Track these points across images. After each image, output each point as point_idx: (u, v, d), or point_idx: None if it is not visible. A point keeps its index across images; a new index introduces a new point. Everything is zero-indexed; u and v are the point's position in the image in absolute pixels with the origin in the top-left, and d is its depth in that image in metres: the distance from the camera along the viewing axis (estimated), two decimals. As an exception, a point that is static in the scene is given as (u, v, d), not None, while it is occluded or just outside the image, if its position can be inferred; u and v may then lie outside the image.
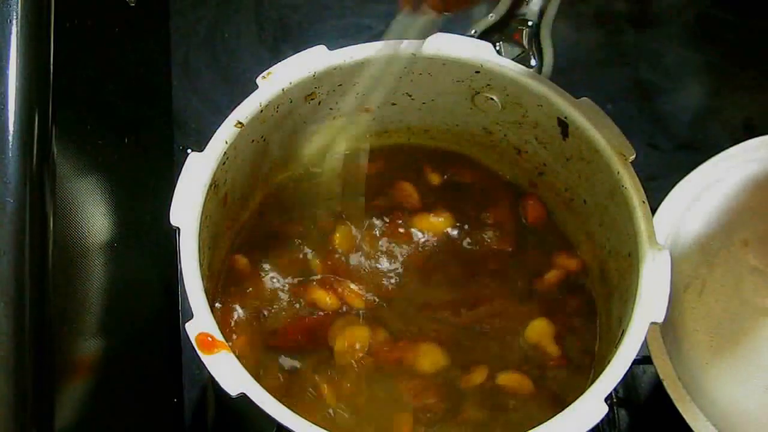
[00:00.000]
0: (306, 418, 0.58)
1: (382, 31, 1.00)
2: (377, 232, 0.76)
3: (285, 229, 0.76)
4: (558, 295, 0.75)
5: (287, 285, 0.73)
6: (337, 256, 0.75)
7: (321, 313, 0.72)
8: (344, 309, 0.73)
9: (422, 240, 0.76)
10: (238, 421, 0.78)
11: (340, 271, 0.74)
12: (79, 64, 0.72)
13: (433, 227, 0.76)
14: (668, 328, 0.71)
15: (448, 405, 0.70)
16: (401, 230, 0.76)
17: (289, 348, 0.71)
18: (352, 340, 0.71)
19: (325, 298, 0.72)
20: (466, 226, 0.77)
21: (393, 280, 0.75)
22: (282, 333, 0.71)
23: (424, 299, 0.74)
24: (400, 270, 0.75)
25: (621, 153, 0.69)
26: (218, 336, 0.60)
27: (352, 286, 0.74)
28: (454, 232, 0.77)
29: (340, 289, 0.73)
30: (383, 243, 0.76)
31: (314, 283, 0.73)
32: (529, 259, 0.76)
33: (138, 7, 0.87)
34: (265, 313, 0.72)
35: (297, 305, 0.73)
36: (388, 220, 0.76)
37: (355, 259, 0.75)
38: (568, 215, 0.78)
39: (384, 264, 0.75)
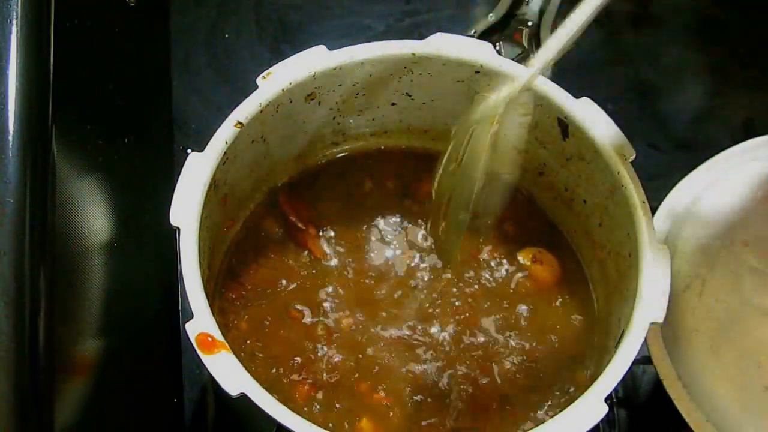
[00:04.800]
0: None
1: (383, 31, 1.01)
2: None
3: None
4: None
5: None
6: None
7: None
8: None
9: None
10: (238, 421, 0.78)
11: None
12: (79, 64, 0.72)
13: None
14: (668, 328, 0.71)
15: None
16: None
17: None
18: None
19: None
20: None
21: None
22: None
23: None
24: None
25: (621, 153, 0.69)
26: (218, 336, 0.60)
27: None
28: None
29: None
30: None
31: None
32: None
33: (138, 7, 0.87)
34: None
35: None
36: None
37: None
38: (568, 215, 0.78)
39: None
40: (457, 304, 0.74)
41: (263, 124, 0.70)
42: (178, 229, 0.64)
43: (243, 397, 0.58)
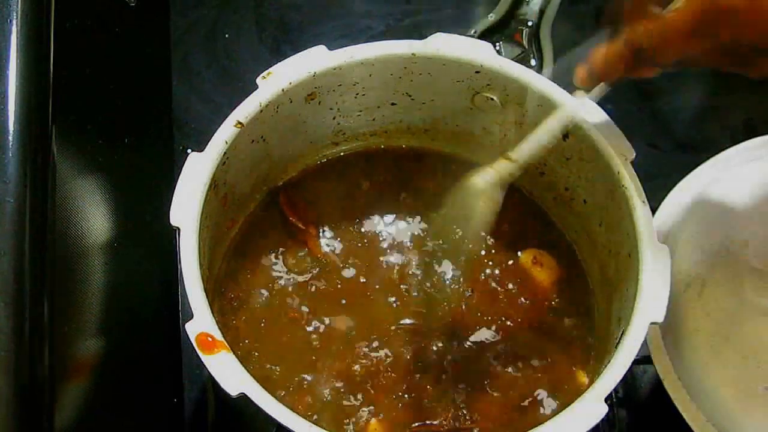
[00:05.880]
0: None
1: (382, 31, 1.01)
2: None
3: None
4: None
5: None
6: None
7: None
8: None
9: None
10: (238, 421, 0.78)
11: None
12: (79, 64, 0.72)
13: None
14: (668, 328, 0.71)
15: None
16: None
17: None
18: None
19: None
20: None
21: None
22: None
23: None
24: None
25: (621, 153, 0.69)
26: (218, 336, 0.60)
27: None
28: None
29: None
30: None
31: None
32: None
33: (138, 7, 0.87)
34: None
35: None
36: None
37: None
38: (568, 215, 0.78)
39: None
40: (456, 304, 0.75)
41: (263, 124, 0.70)
42: (178, 229, 0.64)
43: (243, 397, 0.58)
